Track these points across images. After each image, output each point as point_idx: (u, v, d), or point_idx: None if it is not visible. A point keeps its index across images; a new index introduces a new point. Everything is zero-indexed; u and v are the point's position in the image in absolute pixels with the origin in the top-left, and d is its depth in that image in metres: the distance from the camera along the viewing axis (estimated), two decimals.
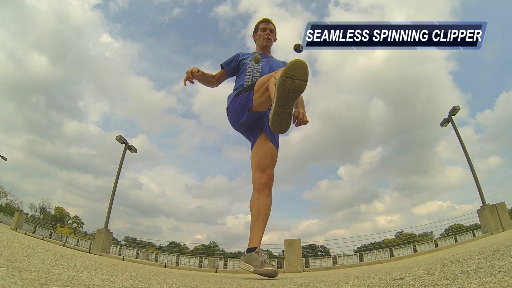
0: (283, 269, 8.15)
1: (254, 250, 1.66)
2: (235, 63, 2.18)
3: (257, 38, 2.30)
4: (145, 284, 0.84)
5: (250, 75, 2.07)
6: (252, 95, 1.81)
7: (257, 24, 2.33)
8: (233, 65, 2.18)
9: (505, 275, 0.64)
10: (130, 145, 12.81)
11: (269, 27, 2.27)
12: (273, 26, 2.30)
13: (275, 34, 2.33)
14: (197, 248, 31.04)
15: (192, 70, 1.91)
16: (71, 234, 24.94)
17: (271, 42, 2.28)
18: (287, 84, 1.38)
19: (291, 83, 1.37)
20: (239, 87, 2.09)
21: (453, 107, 11.05)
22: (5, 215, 21.44)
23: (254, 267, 1.57)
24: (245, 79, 2.08)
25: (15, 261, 0.76)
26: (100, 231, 10.88)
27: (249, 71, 2.09)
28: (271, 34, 2.27)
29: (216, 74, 2.17)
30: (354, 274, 1.68)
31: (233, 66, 2.18)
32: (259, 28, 2.29)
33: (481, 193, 9.71)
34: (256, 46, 2.34)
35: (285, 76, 1.36)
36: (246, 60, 2.16)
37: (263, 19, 2.31)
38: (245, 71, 2.11)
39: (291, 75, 1.36)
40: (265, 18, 2.32)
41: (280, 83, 1.38)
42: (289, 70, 1.36)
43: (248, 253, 1.68)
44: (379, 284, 0.84)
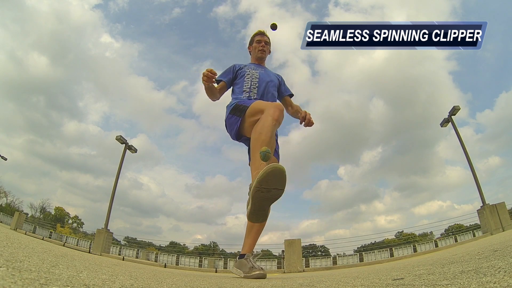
0: (283, 269, 8.15)
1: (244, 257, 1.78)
2: (233, 74, 2.23)
3: (252, 50, 2.38)
4: (145, 284, 0.84)
5: (249, 80, 2.13)
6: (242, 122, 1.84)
7: (252, 37, 2.41)
8: (231, 76, 2.23)
9: (505, 275, 0.64)
10: (130, 145, 12.81)
11: (264, 39, 2.36)
12: (267, 39, 2.38)
13: (270, 46, 2.42)
14: (197, 248, 31.06)
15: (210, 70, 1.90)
16: (71, 234, 24.95)
17: (265, 54, 2.36)
18: (262, 195, 1.37)
19: (266, 193, 1.35)
20: (238, 93, 2.13)
21: (453, 107, 11.05)
22: (5, 215, 21.45)
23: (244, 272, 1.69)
24: (244, 84, 2.13)
25: (15, 261, 0.76)
26: (100, 231, 10.88)
27: (248, 77, 2.16)
28: (266, 46, 2.35)
29: (217, 88, 2.18)
30: (354, 274, 1.68)
31: (231, 77, 2.23)
32: (254, 40, 2.38)
33: (481, 193, 9.72)
34: (251, 58, 2.41)
35: (259, 188, 1.33)
36: (244, 69, 2.22)
37: (258, 32, 2.40)
38: (244, 78, 2.16)
39: (266, 187, 1.32)
40: (260, 30, 2.40)
41: (254, 193, 1.36)
42: (263, 182, 1.30)
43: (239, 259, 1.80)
44: (379, 284, 0.84)
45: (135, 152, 13.13)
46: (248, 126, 1.80)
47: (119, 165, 12.26)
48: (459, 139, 10.63)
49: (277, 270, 11.05)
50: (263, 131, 1.60)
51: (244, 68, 2.23)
